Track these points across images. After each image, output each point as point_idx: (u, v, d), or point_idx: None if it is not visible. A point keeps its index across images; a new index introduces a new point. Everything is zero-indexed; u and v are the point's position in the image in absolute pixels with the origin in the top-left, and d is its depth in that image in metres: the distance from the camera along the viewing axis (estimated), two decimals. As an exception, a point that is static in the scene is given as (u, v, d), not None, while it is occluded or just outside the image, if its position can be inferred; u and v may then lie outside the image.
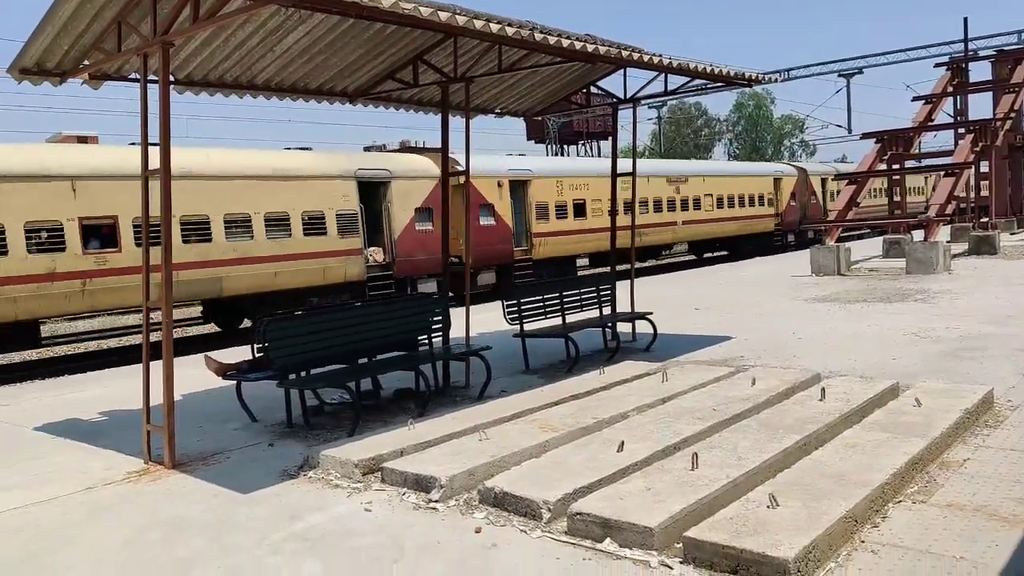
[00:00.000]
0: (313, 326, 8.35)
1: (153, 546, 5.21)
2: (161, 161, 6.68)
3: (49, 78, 7.86)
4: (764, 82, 11.79)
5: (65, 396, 10.57)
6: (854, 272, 20.85)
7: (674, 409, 7.34)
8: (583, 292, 11.45)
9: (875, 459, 5.59)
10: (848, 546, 4.53)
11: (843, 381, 8.16)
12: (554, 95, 12.49)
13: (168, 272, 6.76)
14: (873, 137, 25.71)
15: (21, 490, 6.52)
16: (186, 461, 7.01)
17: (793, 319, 13.29)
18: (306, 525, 5.40)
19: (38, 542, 5.39)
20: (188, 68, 8.72)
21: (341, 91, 10.50)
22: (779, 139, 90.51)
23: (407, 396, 9.04)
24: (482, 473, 5.94)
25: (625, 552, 4.64)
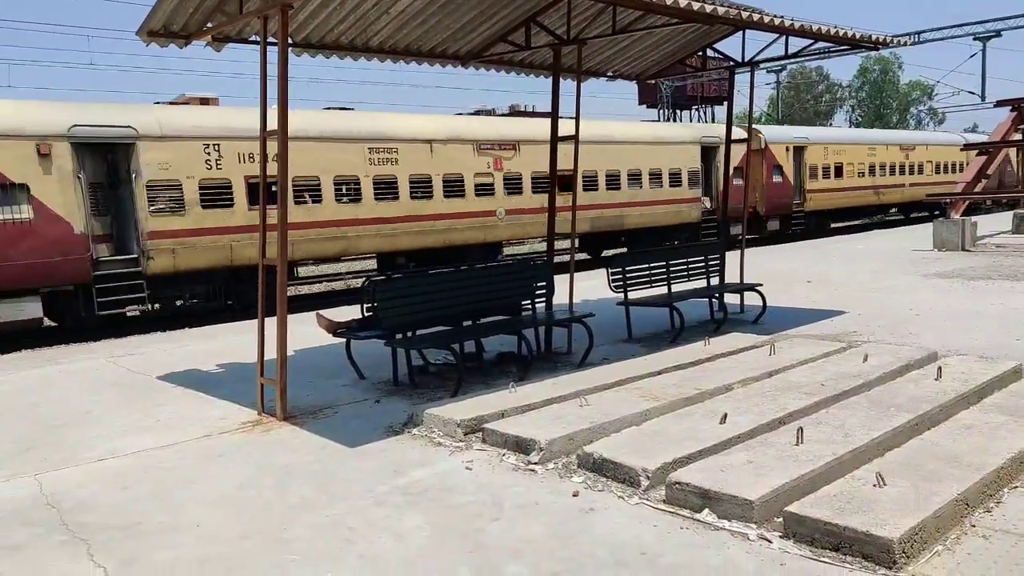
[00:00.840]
0: (420, 288, 8.52)
1: (266, 491, 5.48)
2: (279, 122, 6.89)
3: (175, 40, 8.19)
4: (892, 45, 11.23)
5: (186, 348, 11.14)
6: (979, 247, 19.82)
7: (780, 383, 7.20)
8: (690, 261, 11.27)
9: (992, 442, 5.37)
10: (957, 530, 4.38)
11: (961, 360, 7.83)
12: (668, 58, 12.24)
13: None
14: (1008, 105, 24.24)
15: (146, 434, 6.95)
16: (296, 414, 7.31)
17: (911, 295, 12.77)
18: (409, 480, 5.58)
19: (162, 482, 5.75)
20: (305, 31, 8.94)
21: (453, 53, 10.57)
22: (905, 106, 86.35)
23: (509, 360, 9.16)
24: (582, 438, 5.99)
25: (723, 523, 4.61)
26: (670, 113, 56.49)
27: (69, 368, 10.00)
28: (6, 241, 14.15)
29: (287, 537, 4.74)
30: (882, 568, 4.00)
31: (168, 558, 4.53)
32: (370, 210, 18.82)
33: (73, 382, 9.18)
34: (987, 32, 43.90)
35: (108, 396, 8.40)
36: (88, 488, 5.69)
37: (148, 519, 5.09)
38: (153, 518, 5.10)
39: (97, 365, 10.10)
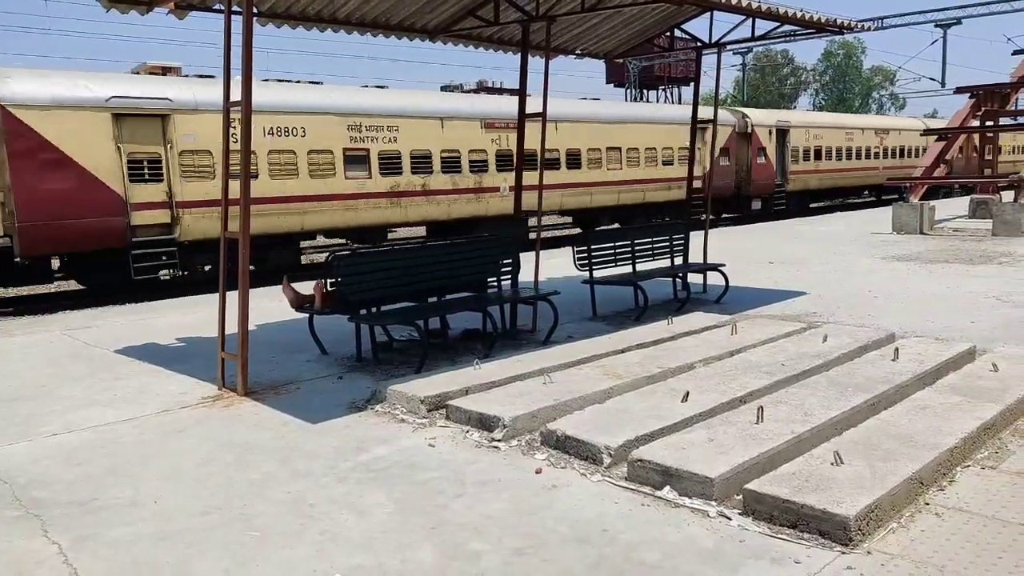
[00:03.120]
0: (385, 263, 8.46)
1: (226, 467, 5.43)
2: (243, 93, 6.77)
3: (136, 7, 8.00)
4: (857, 30, 11.33)
5: (146, 322, 10.98)
6: (937, 231, 20.17)
7: (741, 362, 7.27)
8: (655, 241, 11.32)
9: (946, 422, 5.47)
10: (912, 507, 4.47)
11: (918, 342, 7.97)
12: (637, 37, 12.23)
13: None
14: (968, 92, 24.59)
15: (103, 409, 6.85)
16: (258, 389, 7.24)
17: (870, 277, 12.96)
18: (372, 456, 5.56)
19: (119, 457, 5.67)
20: (271, 0, 8.78)
21: (421, 27, 10.46)
22: (867, 91, 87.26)
23: (474, 337, 9.15)
24: (545, 415, 6.01)
25: (684, 500, 4.66)
26: (637, 93, 56.55)
27: (24, 340, 9.81)
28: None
29: (247, 513, 4.70)
30: (838, 545, 4.07)
31: (125, 534, 4.47)
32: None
33: (28, 355, 9.01)
34: (948, 19, 44.39)
35: (64, 369, 8.26)
36: (42, 463, 5.59)
37: (104, 495, 5.02)
38: (109, 494, 5.03)
39: (53, 338, 9.92)
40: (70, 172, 15.22)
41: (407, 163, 20.30)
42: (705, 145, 27.25)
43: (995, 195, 23.40)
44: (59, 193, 15.07)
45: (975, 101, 24.03)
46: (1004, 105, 24.60)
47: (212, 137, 16.37)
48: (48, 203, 14.96)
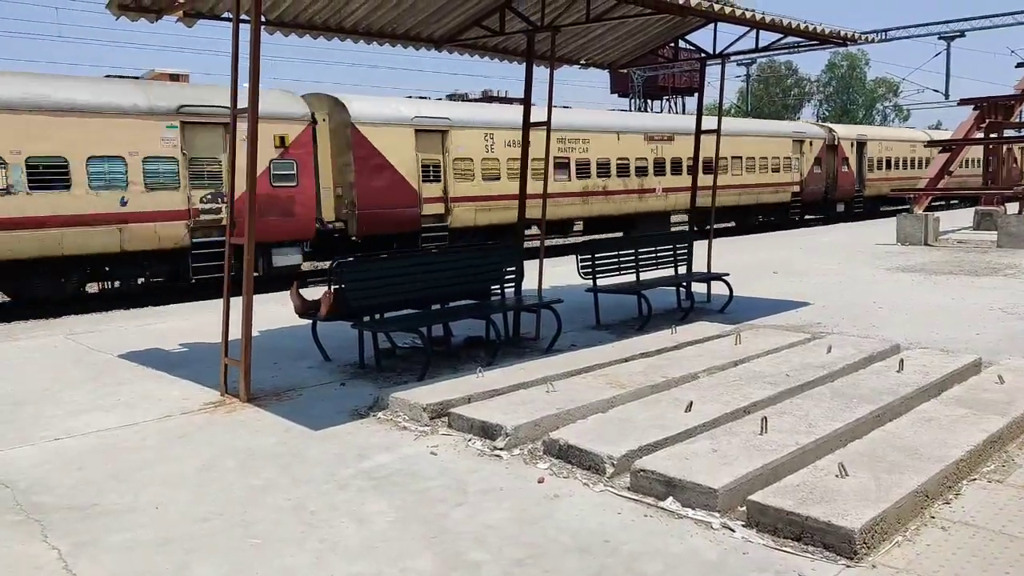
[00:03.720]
0: (388, 270, 8.45)
1: (227, 473, 5.41)
2: (250, 100, 6.78)
3: (146, 15, 8.01)
4: (859, 41, 11.32)
5: (150, 326, 10.98)
6: (942, 243, 20.13)
7: (745, 372, 7.25)
8: (659, 250, 11.31)
9: (951, 434, 5.44)
10: (917, 521, 4.44)
11: (923, 353, 7.93)
12: (641, 48, 12.24)
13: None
14: (971, 103, 24.59)
15: (105, 414, 6.84)
16: (260, 395, 7.23)
17: (874, 288, 12.93)
18: (373, 464, 5.53)
19: (120, 462, 5.66)
20: (279, 9, 8.80)
21: (428, 37, 10.48)
22: (871, 102, 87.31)
23: (477, 345, 9.13)
24: (548, 424, 5.98)
25: (687, 512, 4.63)
26: (641, 103, 56.64)
27: (27, 345, 9.81)
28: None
29: (248, 520, 4.68)
30: (843, 558, 4.04)
31: (125, 540, 4.45)
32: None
33: (31, 359, 9.00)
34: (951, 32, 44.44)
35: (67, 374, 8.25)
36: (43, 468, 5.58)
37: (105, 500, 5.00)
38: (110, 499, 5.01)
39: (56, 342, 9.91)
40: (389, 174, 20.07)
41: (594, 169, 25.21)
42: (802, 155, 33.76)
43: (1000, 207, 23.37)
44: (382, 189, 19.90)
45: (979, 113, 24.04)
46: (1008, 117, 24.61)
47: (472, 148, 21.97)
48: (376, 196, 19.78)
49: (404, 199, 20.49)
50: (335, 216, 19.73)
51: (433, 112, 21.64)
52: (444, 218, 21.36)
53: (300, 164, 18.36)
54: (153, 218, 16.25)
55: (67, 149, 15.15)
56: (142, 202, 16.06)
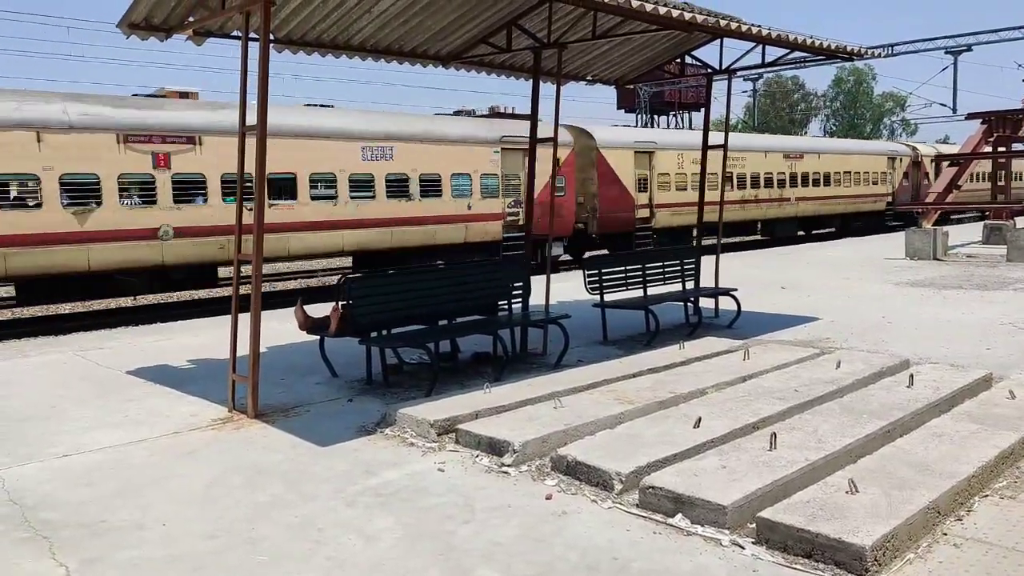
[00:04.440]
0: (396, 286, 8.46)
1: (235, 490, 5.40)
2: (259, 117, 6.82)
3: (156, 33, 8.07)
4: (867, 56, 11.33)
5: (158, 343, 11.00)
6: (951, 257, 20.07)
7: (754, 388, 7.22)
8: (666, 265, 11.30)
9: (962, 450, 5.41)
10: (929, 538, 4.40)
11: (933, 368, 7.89)
12: (647, 64, 12.27)
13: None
14: (979, 118, 24.55)
15: (113, 430, 6.84)
16: (268, 412, 7.22)
17: (884, 303, 12.88)
18: (380, 481, 5.52)
19: (129, 479, 5.65)
20: (287, 27, 8.86)
21: (435, 54, 10.53)
22: (879, 117, 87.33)
23: (484, 360, 9.12)
24: (556, 440, 5.96)
25: (696, 529, 4.60)
26: (648, 118, 56.76)
27: (37, 361, 9.83)
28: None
29: (255, 537, 4.67)
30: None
31: (132, 557, 4.44)
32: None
33: (40, 375, 9.02)
34: (958, 46, 44.50)
35: (75, 390, 8.26)
36: (52, 484, 5.58)
37: (113, 517, 5.00)
38: (118, 516, 5.01)
39: (65, 358, 9.94)
40: (617, 186, 26.28)
41: (749, 181, 31.38)
42: (894, 170, 39.31)
43: (1009, 221, 23.29)
44: (614, 198, 26.06)
45: (987, 127, 24.00)
46: (1016, 131, 24.56)
47: (669, 165, 28.30)
48: (609, 203, 25.88)
49: (626, 205, 26.68)
50: (576, 219, 25.37)
51: (645, 138, 28.67)
52: (649, 220, 27.52)
53: (566, 179, 24.45)
54: (484, 219, 22.54)
55: (442, 168, 21.39)
56: (479, 207, 22.26)
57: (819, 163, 35.35)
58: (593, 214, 25.68)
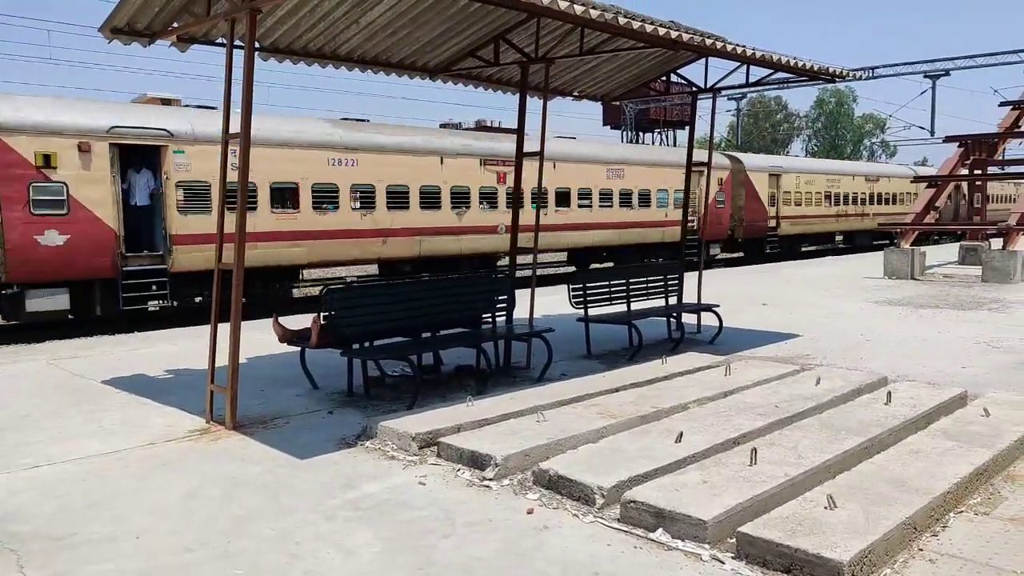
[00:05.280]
0: (379, 298, 8.43)
1: (211, 502, 5.35)
2: (242, 126, 6.79)
3: (139, 39, 8.04)
4: (848, 78, 11.48)
5: (135, 352, 10.90)
6: (928, 277, 20.27)
7: (735, 403, 7.24)
8: (650, 280, 11.34)
9: (938, 467, 5.44)
10: (905, 553, 4.42)
11: (910, 386, 7.95)
12: (634, 81, 12.35)
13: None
14: (956, 140, 24.86)
15: (87, 441, 6.75)
16: (247, 423, 7.16)
17: (862, 321, 12.98)
18: (360, 494, 5.48)
19: (102, 491, 5.58)
20: (273, 36, 8.85)
21: (422, 66, 10.55)
22: (859, 138, 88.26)
23: (467, 373, 9.10)
24: (538, 455, 5.95)
25: (677, 543, 4.60)
26: (633, 135, 57.04)
27: (10, 369, 9.71)
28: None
29: (232, 550, 4.62)
30: (833, 591, 4.01)
31: (104, 571, 4.37)
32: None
33: (13, 384, 8.91)
34: (937, 71, 45.11)
35: (49, 400, 8.16)
36: (22, 496, 5.49)
37: (85, 530, 4.92)
38: (90, 529, 4.94)
39: (39, 367, 9.83)
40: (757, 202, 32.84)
41: (841, 199, 37.90)
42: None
43: (984, 242, 23.55)
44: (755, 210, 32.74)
45: (964, 150, 24.29)
46: (992, 154, 24.87)
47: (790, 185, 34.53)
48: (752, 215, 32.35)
49: (762, 216, 33.00)
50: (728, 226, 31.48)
51: (774, 163, 35.38)
52: (775, 229, 33.70)
53: (725, 195, 31.00)
54: (672, 224, 27.59)
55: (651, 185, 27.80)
56: (671, 215, 27.94)
57: (890, 185, 42.61)
58: (740, 223, 31.93)
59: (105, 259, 15.66)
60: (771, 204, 33.64)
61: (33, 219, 14.80)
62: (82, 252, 15.32)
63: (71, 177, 15.20)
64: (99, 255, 15.55)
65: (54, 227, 15.05)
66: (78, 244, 15.27)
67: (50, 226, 15.00)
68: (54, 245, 15.03)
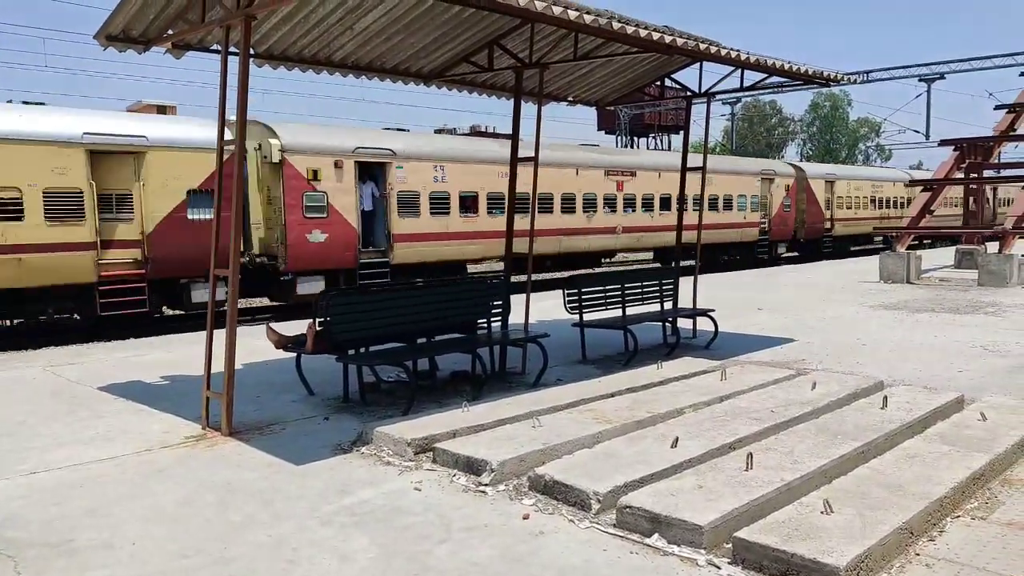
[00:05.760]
0: (374, 304, 8.43)
1: (206, 508, 5.34)
2: (238, 132, 6.80)
3: (134, 46, 8.05)
4: (842, 82, 11.51)
5: (131, 359, 10.88)
6: (924, 281, 20.31)
7: (731, 408, 7.24)
8: (645, 285, 11.35)
9: (935, 471, 5.44)
10: (902, 558, 4.42)
11: (906, 390, 7.96)
12: (628, 86, 12.38)
13: (232, 240, 6.91)
14: (952, 144, 24.92)
15: (83, 447, 6.74)
16: (242, 429, 7.15)
17: (858, 325, 13.00)
18: (356, 500, 5.47)
19: (98, 498, 5.57)
20: (268, 42, 8.86)
21: (416, 72, 10.56)
22: (854, 142, 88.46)
23: (463, 379, 9.09)
24: (533, 460, 5.94)
25: (673, 549, 4.60)
26: (628, 140, 57.12)
27: (6, 376, 9.69)
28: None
29: (228, 557, 4.61)
30: (829, 596, 4.01)
31: (102, 576, 4.37)
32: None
33: (10, 391, 8.89)
34: (931, 74, 45.20)
35: (45, 406, 8.15)
36: (18, 502, 5.48)
37: (81, 536, 4.91)
38: (86, 535, 4.93)
39: (36, 374, 9.81)
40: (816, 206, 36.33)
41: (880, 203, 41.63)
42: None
43: (980, 245, 23.61)
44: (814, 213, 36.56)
45: (959, 153, 24.34)
46: (987, 158, 24.91)
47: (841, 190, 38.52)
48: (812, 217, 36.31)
49: (820, 219, 36.94)
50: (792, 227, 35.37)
51: (829, 171, 39.38)
52: (830, 231, 37.63)
53: (792, 200, 34.93)
54: (751, 226, 32.87)
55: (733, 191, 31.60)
56: (751, 217, 32.59)
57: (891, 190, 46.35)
58: (802, 225, 36.00)
59: (350, 253, 19.55)
60: (827, 208, 37.56)
61: (305, 222, 18.58)
62: (336, 248, 19.21)
63: (330, 188, 18.99)
64: (347, 250, 19.47)
65: (318, 228, 18.87)
66: (334, 242, 19.13)
67: (315, 227, 18.82)
68: (317, 242, 18.84)
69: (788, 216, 34.94)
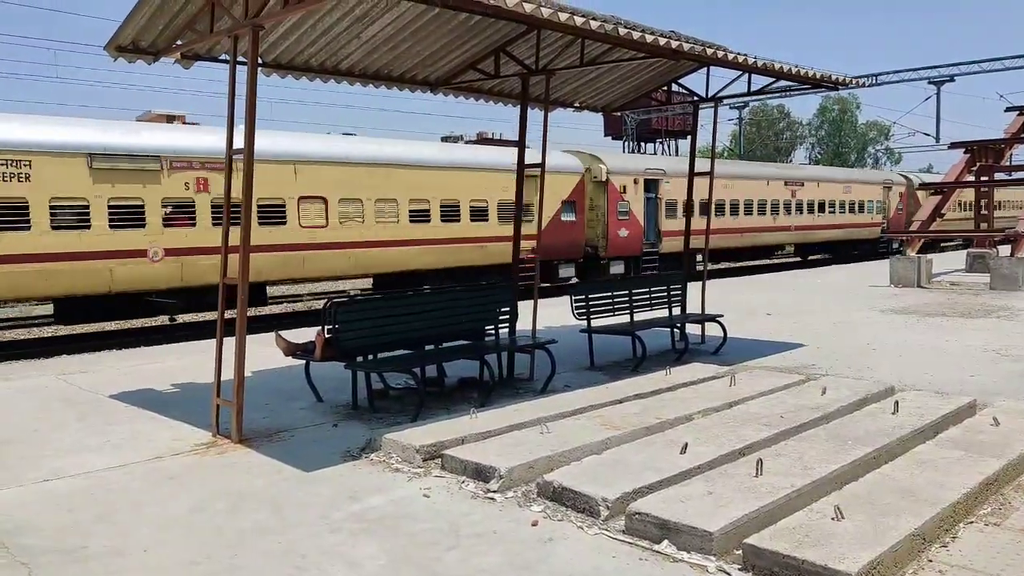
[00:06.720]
0: (383, 310, 8.44)
1: (217, 515, 5.35)
2: (246, 141, 6.82)
3: (143, 56, 8.10)
4: (850, 85, 11.46)
5: (142, 367, 10.92)
6: (935, 285, 20.21)
7: (740, 414, 7.22)
8: (653, 291, 11.33)
9: (947, 477, 5.41)
10: (914, 564, 4.39)
11: (918, 395, 7.92)
12: (635, 91, 12.38)
13: (244, 252, 6.92)
14: (962, 147, 24.82)
15: (94, 455, 6.77)
16: (252, 437, 7.17)
17: (868, 329, 12.95)
18: (365, 507, 5.48)
19: (109, 504, 5.59)
20: (276, 52, 8.90)
21: (423, 80, 10.58)
22: (863, 145, 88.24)
23: (471, 385, 9.09)
24: (542, 466, 5.94)
25: (683, 555, 4.58)
26: (635, 145, 57.09)
27: (19, 384, 9.74)
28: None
29: (238, 563, 4.62)
30: (840, 602, 3.99)
31: (113, 584, 4.38)
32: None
33: (21, 399, 8.94)
34: (941, 77, 45.03)
35: (57, 414, 8.18)
36: (31, 509, 5.51)
37: (93, 543, 4.93)
38: (98, 542, 4.95)
39: (48, 382, 9.85)
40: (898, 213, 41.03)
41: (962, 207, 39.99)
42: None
43: (992, 249, 23.49)
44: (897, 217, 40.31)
45: (970, 156, 24.25)
46: (998, 160, 24.80)
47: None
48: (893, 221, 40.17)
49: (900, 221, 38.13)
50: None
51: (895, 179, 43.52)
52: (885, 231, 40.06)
53: (904, 204, 40.00)
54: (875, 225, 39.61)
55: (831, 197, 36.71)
56: (874, 219, 39.64)
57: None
58: (887, 226, 39.88)
59: (638, 245, 27.49)
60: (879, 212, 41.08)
61: (617, 222, 26.70)
62: (633, 241, 27.32)
63: (630, 197, 27.10)
64: (637, 243, 27.47)
65: (623, 227, 27.01)
66: (631, 237, 27.18)
67: (622, 226, 26.94)
68: (623, 237, 26.91)
69: (901, 217, 39.13)
